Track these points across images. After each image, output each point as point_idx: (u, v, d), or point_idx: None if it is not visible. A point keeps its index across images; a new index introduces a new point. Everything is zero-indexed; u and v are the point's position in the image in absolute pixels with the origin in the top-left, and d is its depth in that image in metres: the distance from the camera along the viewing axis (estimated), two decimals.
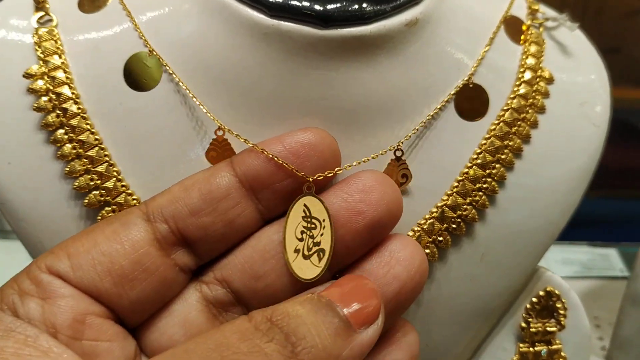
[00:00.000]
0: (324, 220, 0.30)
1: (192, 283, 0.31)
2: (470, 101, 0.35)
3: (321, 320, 0.26)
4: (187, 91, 0.33)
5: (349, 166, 0.32)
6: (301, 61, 0.32)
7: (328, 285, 0.28)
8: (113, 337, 0.29)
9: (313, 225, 0.30)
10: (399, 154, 0.33)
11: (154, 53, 0.33)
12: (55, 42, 0.35)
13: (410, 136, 0.33)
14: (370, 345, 0.27)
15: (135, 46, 0.34)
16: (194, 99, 0.33)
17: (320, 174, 0.31)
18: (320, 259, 0.30)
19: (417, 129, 0.34)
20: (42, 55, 0.34)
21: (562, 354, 0.39)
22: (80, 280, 0.29)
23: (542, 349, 0.39)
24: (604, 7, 1.08)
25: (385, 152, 0.33)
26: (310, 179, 0.30)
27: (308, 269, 0.30)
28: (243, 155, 0.31)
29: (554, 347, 0.39)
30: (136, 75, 0.33)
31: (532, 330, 0.38)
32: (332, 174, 0.31)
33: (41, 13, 0.36)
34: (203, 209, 0.30)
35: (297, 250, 0.30)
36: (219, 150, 0.32)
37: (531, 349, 0.39)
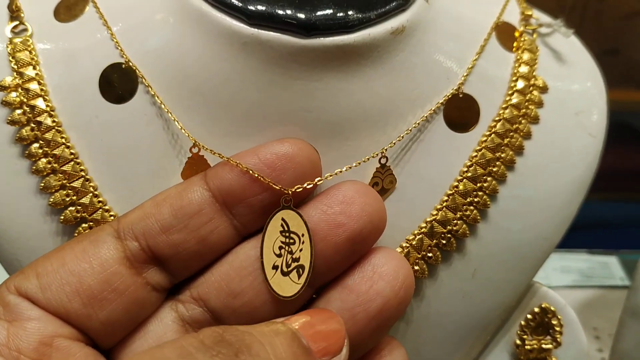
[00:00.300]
0: (303, 235, 0.29)
1: (167, 302, 0.30)
2: (461, 111, 0.33)
3: (280, 341, 0.25)
4: (163, 106, 0.32)
5: (330, 176, 0.31)
6: (282, 72, 0.30)
7: (293, 316, 0.27)
8: (82, 359, 0.28)
9: (292, 240, 0.29)
10: (383, 161, 0.32)
11: (130, 64, 0.32)
12: (30, 52, 0.34)
13: (394, 143, 0.32)
14: None
15: (111, 56, 0.33)
16: (169, 114, 0.31)
17: (299, 186, 0.29)
18: (299, 276, 0.29)
19: (402, 137, 0.32)
20: (16, 67, 0.33)
21: None
22: (49, 302, 0.28)
23: None
24: (604, 9, 1.07)
25: (369, 159, 0.32)
26: (290, 192, 0.29)
27: (287, 286, 0.29)
28: (217, 168, 0.30)
29: None
30: (112, 87, 0.32)
31: (527, 347, 0.37)
32: (311, 185, 0.30)
33: (16, 22, 0.35)
34: (174, 225, 0.29)
35: (275, 267, 0.29)
36: (195, 168, 0.31)
37: None
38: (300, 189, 0.29)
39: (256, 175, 0.29)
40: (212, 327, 0.25)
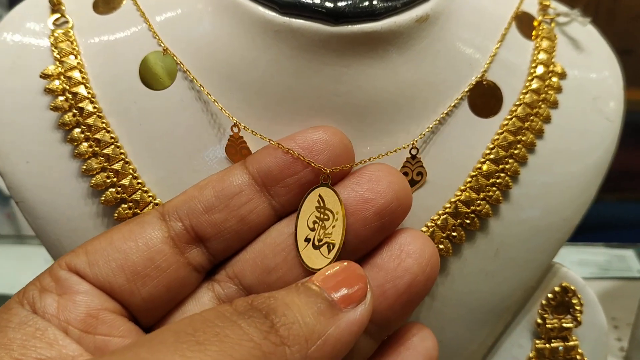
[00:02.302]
0: (337, 213, 0.30)
1: (204, 282, 0.32)
2: (484, 98, 0.35)
3: (304, 301, 0.26)
4: (202, 89, 0.33)
5: (364, 161, 0.32)
6: (313, 58, 0.32)
7: (313, 275, 0.29)
8: (125, 333, 0.29)
9: (326, 217, 0.30)
10: (414, 152, 0.33)
11: (169, 52, 0.34)
12: (71, 43, 0.35)
13: (424, 134, 0.34)
14: (361, 325, 0.27)
15: (149, 46, 0.34)
16: (209, 95, 0.33)
17: (336, 167, 0.31)
18: (329, 251, 0.30)
19: (432, 127, 0.34)
20: (58, 56, 0.35)
21: (579, 350, 0.39)
22: (96, 277, 0.29)
23: (558, 345, 0.38)
24: (616, 9, 1.07)
25: (400, 149, 0.33)
26: (328, 171, 0.31)
27: (317, 259, 0.30)
28: (256, 154, 0.31)
29: (571, 343, 0.39)
30: (151, 75, 0.34)
31: (548, 326, 0.38)
32: (348, 167, 0.31)
33: (57, 15, 0.36)
34: (216, 205, 0.30)
35: (307, 239, 0.30)
36: (236, 147, 0.33)
37: (547, 345, 0.39)
38: (338, 169, 0.31)
39: (296, 155, 0.30)
40: (242, 297, 0.27)
